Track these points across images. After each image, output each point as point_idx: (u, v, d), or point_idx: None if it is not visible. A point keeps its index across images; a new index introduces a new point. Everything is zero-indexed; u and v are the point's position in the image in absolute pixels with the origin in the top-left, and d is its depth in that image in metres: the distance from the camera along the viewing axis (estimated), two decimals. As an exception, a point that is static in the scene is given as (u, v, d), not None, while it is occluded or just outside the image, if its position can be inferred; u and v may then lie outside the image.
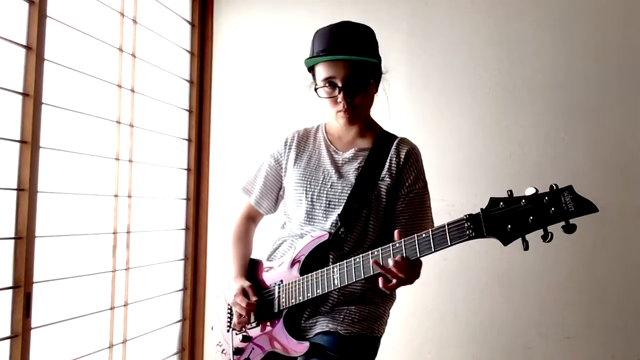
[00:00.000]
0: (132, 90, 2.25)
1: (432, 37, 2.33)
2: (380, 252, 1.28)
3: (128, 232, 2.21)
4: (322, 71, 1.41)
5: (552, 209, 1.05)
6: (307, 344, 1.38)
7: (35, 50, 1.74)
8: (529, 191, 1.09)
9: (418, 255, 1.23)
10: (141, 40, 2.31)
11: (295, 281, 1.42)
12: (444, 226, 1.17)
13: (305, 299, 1.39)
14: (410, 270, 1.24)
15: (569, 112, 2.15)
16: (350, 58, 1.36)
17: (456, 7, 2.31)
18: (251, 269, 1.58)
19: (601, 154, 2.11)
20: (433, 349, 2.25)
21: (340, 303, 1.42)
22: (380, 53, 1.48)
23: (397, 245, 1.26)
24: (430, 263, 1.44)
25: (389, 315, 1.51)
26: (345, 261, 1.33)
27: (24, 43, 1.73)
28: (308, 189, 1.46)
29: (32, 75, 1.73)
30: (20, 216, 1.70)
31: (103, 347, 2.08)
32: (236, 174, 2.58)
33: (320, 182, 1.46)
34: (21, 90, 1.72)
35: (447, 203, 2.21)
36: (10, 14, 1.71)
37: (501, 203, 1.11)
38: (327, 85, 1.41)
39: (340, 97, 1.39)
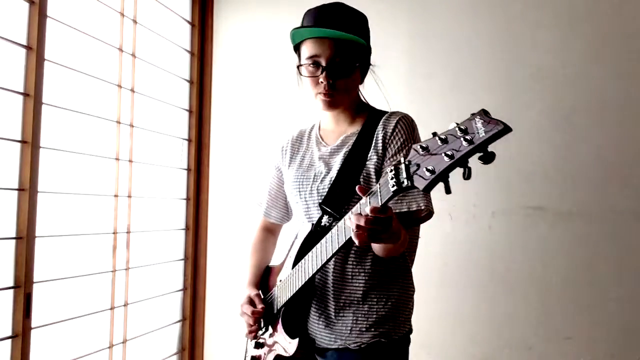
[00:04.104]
0: (132, 90, 2.25)
1: (432, 37, 2.33)
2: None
3: (128, 232, 2.21)
4: (307, 49, 1.37)
5: (465, 140, 0.90)
6: (295, 342, 1.33)
7: (35, 50, 1.74)
8: (450, 127, 0.94)
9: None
10: (141, 40, 2.31)
11: (287, 277, 1.40)
12: (377, 186, 1.07)
13: (293, 292, 1.34)
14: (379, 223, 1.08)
15: (571, 112, 2.16)
16: (335, 34, 1.32)
17: (457, 7, 2.31)
18: (266, 275, 1.57)
19: (602, 154, 2.11)
20: (433, 349, 2.25)
21: (343, 307, 1.35)
22: (381, 52, 1.47)
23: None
24: (431, 263, 1.44)
25: (410, 311, 1.41)
26: (319, 242, 1.26)
27: (24, 43, 1.73)
28: (301, 189, 1.43)
29: (32, 75, 1.73)
30: (21, 216, 1.70)
31: (103, 347, 2.08)
32: (236, 174, 2.59)
33: (312, 180, 1.41)
34: (21, 90, 1.72)
35: (448, 204, 2.21)
36: (11, 14, 1.71)
37: (420, 148, 0.96)
38: (310, 64, 1.36)
39: (322, 77, 1.34)
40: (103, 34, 2.09)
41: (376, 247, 1.28)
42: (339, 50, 1.33)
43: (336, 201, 1.34)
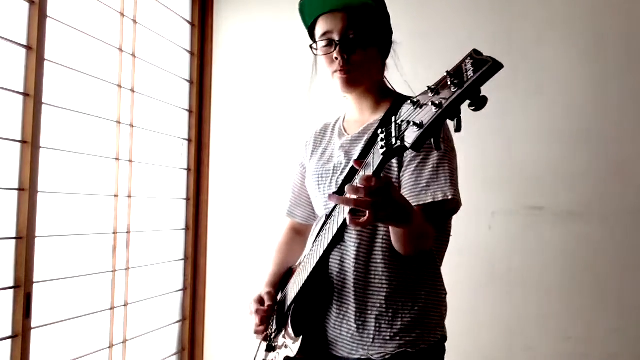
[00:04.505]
0: (132, 90, 2.25)
1: (433, 35, 2.33)
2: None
3: (128, 232, 2.21)
4: (319, 28, 1.30)
5: (454, 85, 0.78)
6: (299, 341, 1.25)
7: (35, 50, 1.74)
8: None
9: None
10: (141, 40, 2.31)
11: (298, 271, 1.34)
12: (371, 154, 0.97)
13: (300, 286, 1.28)
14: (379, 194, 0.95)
15: (571, 111, 2.15)
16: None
17: (459, 5, 2.31)
18: (287, 276, 1.48)
19: (603, 154, 2.11)
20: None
21: (365, 312, 1.23)
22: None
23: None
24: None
25: (442, 316, 1.29)
26: (322, 230, 1.21)
27: (25, 43, 1.73)
28: (321, 182, 1.35)
29: (32, 75, 1.73)
30: (21, 216, 1.70)
31: (103, 347, 2.08)
32: (236, 174, 2.59)
33: (332, 172, 1.34)
34: (21, 90, 1.72)
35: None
36: (11, 14, 1.71)
37: (412, 104, 0.85)
38: (324, 43, 1.29)
39: (336, 53, 1.26)
40: (103, 34, 2.09)
41: (394, 239, 1.17)
42: (352, 24, 1.26)
43: None
